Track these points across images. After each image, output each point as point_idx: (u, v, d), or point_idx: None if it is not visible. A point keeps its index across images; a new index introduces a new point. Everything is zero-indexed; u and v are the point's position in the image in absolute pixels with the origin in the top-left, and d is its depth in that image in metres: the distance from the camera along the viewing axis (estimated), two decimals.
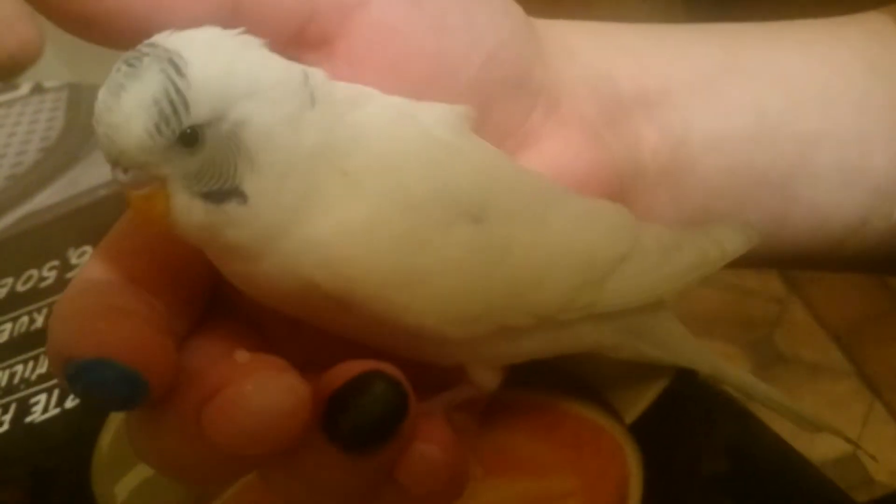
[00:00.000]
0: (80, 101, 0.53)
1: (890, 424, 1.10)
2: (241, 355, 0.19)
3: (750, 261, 0.27)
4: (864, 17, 0.31)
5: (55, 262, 0.40)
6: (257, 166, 0.19)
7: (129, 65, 0.18)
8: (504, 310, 0.21)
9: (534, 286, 0.21)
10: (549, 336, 0.23)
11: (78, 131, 0.50)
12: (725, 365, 0.27)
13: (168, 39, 0.19)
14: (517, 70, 0.24)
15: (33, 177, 0.47)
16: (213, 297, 0.23)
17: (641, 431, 0.26)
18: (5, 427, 0.34)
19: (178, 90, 0.18)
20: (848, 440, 0.28)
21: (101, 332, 0.18)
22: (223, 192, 0.19)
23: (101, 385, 0.18)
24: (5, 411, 0.35)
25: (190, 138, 0.18)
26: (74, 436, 0.32)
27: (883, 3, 0.32)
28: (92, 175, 0.45)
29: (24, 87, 0.55)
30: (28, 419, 0.34)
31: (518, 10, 0.25)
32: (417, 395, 0.21)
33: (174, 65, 0.18)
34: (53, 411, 0.34)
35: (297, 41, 0.21)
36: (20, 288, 0.40)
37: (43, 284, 0.40)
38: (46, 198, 0.45)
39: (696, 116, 0.28)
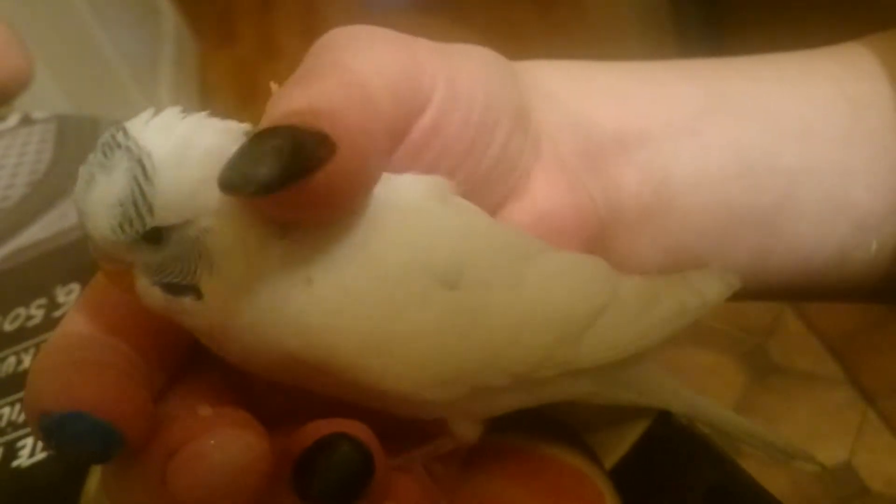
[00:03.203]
0: (68, 132, 0.53)
1: (884, 433, 1.10)
2: (204, 410, 0.19)
3: (733, 296, 0.27)
4: (842, 48, 0.31)
5: (42, 301, 0.40)
6: (216, 271, 0.19)
7: (104, 154, 0.19)
8: (480, 371, 0.21)
9: (509, 346, 0.22)
10: (526, 392, 0.23)
11: (66, 164, 0.49)
12: (703, 403, 0.27)
13: (142, 133, 0.19)
14: (521, 142, 0.24)
15: (21, 211, 0.47)
16: (193, 351, 0.23)
17: (622, 477, 0.26)
18: None
19: (143, 194, 0.18)
20: (823, 468, 0.29)
21: (74, 386, 0.19)
22: (181, 286, 0.19)
23: (75, 439, 0.18)
24: None
25: (153, 236, 0.19)
26: (61, 480, 0.32)
27: (862, 32, 0.32)
28: None
29: (12, 119, 0.55)
30: (15, 463, 0.34)
31: (504, 62, 0.25)
32: (397, 445, 0.22)
33: (143, 167, 0.18)
34: (40, 455, 0.34)
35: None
36: (7, 327, 0.40)
37: (30, 323, 0.39)
38: (34, 233, 0.44)
39: (677, 157, 0.28)
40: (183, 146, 0.19)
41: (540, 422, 0.26)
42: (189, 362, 0.23)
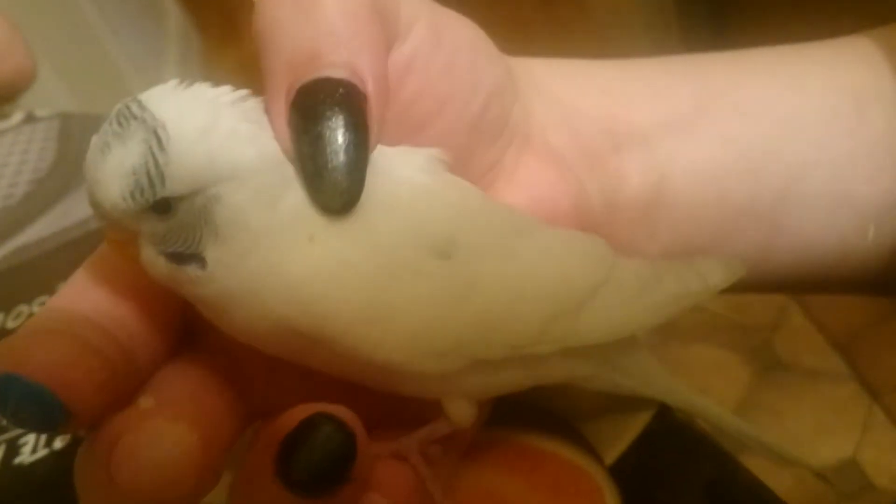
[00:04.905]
0: (71, 130, 0.53)
1: (890, 429, 1.09)
2: (145, 401, 0.20)
3: (735, 287, 0.27)
4: (844, 41, 0.31)
5: (45, 298, 0.40)
6: (221, 240, 0.19)
7: (119, 123, 0.19)
8: (475, 343, 0.21)
9: (505, 318, 0.22)
10: (524, 369, 0.23)
11: (69, 162, 0.49)
12: (700, 399, 0.27)
13: (159, 104, 0.19)
14: (503, 111, 0.24)
15: (24, 209, 0.47)
16: (191, 328, 0.23)
17: (621, 473, 0.26)
18: None
19: (156, 164, 0.19)
20: (818, 475, 0.29)
21: (17, 350, 0.19)
22: (186, 255, 0.20)
23: (12, 402, 0.18)
24: None
25: (162, 206, 0.19)
26: (63, 477, 0.32)
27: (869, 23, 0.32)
28: (83, 206, 0.45)
29: (16, 117, 0.55)
30: (17, 460, 0.34)
31: (493, 46, 0.25)
32: (393, 431, 0.22)
33: (158, 137, 0.19)
34: (42, 452, 0.34)
35: None
36: (10, 324, 0.40)
37: None
38: (37, 230, 0.45)
39: (675, 154, 0.28)
40: (197, 118, 0.19)
41: (540, 417, 0.26)
42: (185, 342, 0.23)
